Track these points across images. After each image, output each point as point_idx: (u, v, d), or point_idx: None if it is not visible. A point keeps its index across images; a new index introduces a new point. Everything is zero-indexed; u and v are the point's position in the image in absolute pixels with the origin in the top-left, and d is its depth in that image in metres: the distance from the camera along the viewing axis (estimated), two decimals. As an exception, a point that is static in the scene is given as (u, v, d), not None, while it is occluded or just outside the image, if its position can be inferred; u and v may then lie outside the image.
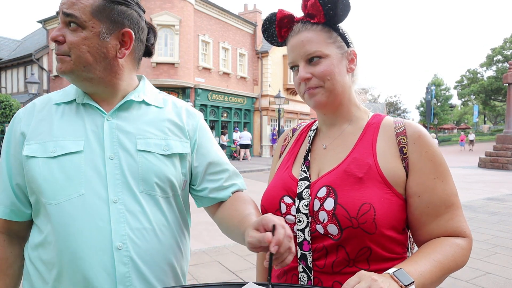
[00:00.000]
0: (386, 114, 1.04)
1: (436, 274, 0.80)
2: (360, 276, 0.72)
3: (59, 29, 0.95)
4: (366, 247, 0.87)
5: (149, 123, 1.04)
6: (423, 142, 0.90)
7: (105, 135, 0.98)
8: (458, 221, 0.89)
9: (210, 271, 3.85)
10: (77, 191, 0.92)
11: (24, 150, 0.95)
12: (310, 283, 0.90)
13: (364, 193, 0.87)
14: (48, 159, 0.93)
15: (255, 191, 2.97)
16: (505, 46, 43.10)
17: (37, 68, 22.31)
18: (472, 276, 3.64)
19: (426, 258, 0.82)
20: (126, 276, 0.92)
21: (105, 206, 0.92)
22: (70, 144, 0.95)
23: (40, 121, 0.99)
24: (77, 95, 1.03)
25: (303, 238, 0.92)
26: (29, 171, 0.95)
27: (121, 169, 0.96)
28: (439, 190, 0.88)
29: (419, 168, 0.89)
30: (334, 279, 0.89)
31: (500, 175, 13.01)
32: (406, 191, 0.90)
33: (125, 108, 1.03)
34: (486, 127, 51.69)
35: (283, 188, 0.99)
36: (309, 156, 1.02)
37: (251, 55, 23.30)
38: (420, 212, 0.89)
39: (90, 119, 1.00)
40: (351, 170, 0.91)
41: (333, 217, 0.87)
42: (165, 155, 1.02)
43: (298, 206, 0.93)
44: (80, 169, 0.93)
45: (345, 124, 1.01)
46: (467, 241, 0.88)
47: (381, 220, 0.85)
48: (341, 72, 0.96)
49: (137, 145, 0.99)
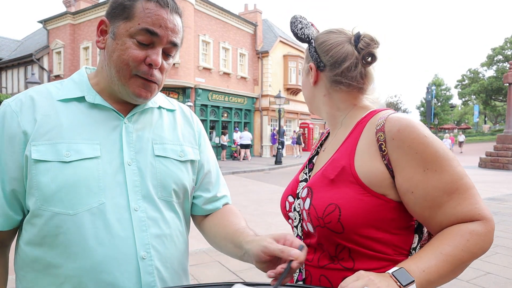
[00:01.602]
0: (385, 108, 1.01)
1: (445, 268, 0.77)
2: (358, 275, 0.73)
3: (159, 55, 0.90)
4: (341, 245, 0.90)
5: (165, 127, 1.03)
6: (403, 136, 0.84)
7: (123, 140, 0.93)
8: (469, 204, 0.81)
9: (210, 271, 3.85)
10: (98, 200, 0.85)
11: (32, 152, 0.84)
12: (301, 275, 0.97)
13: (333, 194, 0.89)
14: (62, 164, 0.84)
15: (255, 191, 2.97)
16: (505, 45, 43.08)
17: (37, 68, 22.33)
18: (472, 276, 3.64)
19: (432, 252, 0.79)
20: (151, 286, 0.89)
21: (127, 215, 0.88)
22: (85, 148, 0.87)
23: (44, 117, 0.88)
24: (86, 92, 0.94)
25: (297, 234, 1.01)
26: (36, 176, 0.84)
27: (141, 176, 0.92)
28: (433, 181, 0.82)
29: (404, 163, 0.84)
30: (321, 273, 0.93)
31: (501, 175, 12.99)
32: (398, 190, 0.86)
33: (141, 112, 1.00)
34: (487, 127, 51.68)
35: (289, 189, 1.08)
36: (314, 159, 1.10)
37: (252, 55, 23.29)
38: (420, 208, 0.85)
39: (104, 122, 0.93)
40: (326, 172, 0.94)
41: (308, 216, 0.93)
42: (181, 161, 1.01)
43: (294, 205, 1.02)
44: (99, 176, 0.87)
45: (337, 127, 1.05)
46: (484, 224, 0.80)
47: (348, 220, 0.86)
48: (306, 85, 1.09)
49: (155, 151, 0.97)
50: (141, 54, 0.88)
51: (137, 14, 0.88)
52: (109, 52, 0.91)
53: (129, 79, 0.90)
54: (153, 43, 0.89)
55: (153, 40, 0.89)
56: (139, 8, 0.88)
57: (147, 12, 0.87)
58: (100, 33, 0.95)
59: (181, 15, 0.96)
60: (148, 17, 0.87)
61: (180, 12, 0.95)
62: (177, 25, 0.93)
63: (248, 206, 7.49)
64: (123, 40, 0.88)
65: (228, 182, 1.23)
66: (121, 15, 0.89)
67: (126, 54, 0.88)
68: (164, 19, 0.89)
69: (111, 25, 0.92)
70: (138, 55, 0.88)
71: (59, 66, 22.23)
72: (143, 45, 0.88)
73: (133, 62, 0.88)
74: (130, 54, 0.88)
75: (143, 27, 0.87)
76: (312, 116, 27.97)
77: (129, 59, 0.88)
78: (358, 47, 0.97)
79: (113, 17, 0.91)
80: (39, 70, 22.21)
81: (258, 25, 23.57)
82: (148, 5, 0.88)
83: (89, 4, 21.94)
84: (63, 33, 21.82)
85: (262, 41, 23.85)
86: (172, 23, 0.91)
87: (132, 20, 0.88)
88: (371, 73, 1.01)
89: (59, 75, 21.96)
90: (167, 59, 0.95)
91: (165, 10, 0.90)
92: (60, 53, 22.09)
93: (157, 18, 0.88)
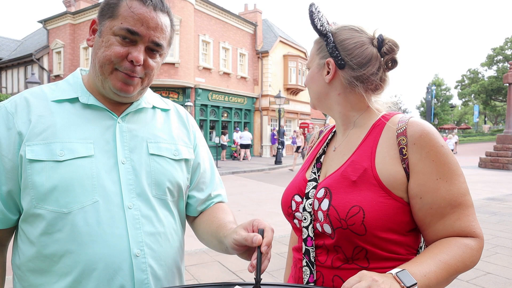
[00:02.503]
0: (396, 111, 1.01)
1: (442, 275, 0.79)
2: (361, 275, 0.72)
3: (141, 53, 0.91)
4: (359, 247, 0.89)
5: (159, 127, 1.04)
6: (424, 143, 0.87)
7: (117, 139, 0.94)
8: (467, 220, 0.86)
9: (210, 271, 3.85)
10: (91, 198, 0.86)
11: (27, 152, 0.85)
12: (312, 276, 0.95)
13: (356, 196, 0.88)
14: (55, 163, 0.86)
15: (255, 191, 2.97)
16: (505, 45, 43.08)
17: (37, 68, 22.33)
18: (472, 276, 3.64)
19: (432, 258, 0.81)
20: (144, 283, 0.90)
21: (120, 213, 0.89)
22: (79, 147, 0.89)
23: (39, 117, 0.89)
24: (80, 93, 0.96)
25: (307, 235, 0.97)
26: (30, 176, 0.85)
27: (135, 174, 0.94)
28: (442, 190, 0.86)
29: (420, 169, 0.87)
30: (334, 273, 0.93)
31: (501, 175, 12.99)
32: (408, 193, 0.88)
33: (135, 111, 1.01)
34: (487, 127, 51.62)
35: (296, 188, 1.05)
36: (322, 158, 1.08)
37: (251, 55, 23.29)
38: (424, 214, 0.88)
39: (98, 121, 0.94)
40: (347, 173, 0.93)
41: (327, 217, 0.92)
42: (175, 160, 1.02)
43: (304, 205, 0.99)
44: (92, 174, 0.88)
45: (350, 127, 1.03)
46: (477, 241, 0.86)
47: (371, 223, 0.86)
48: (317, 82, 1.03)
49: (149, 149, 0.98)
50: (123, 50, 0.90)
51: (121, 13, 0.89)
52: (95, 49, 0.93)
53: (110, 74, 0.92)
54: (135, 41, 0.90)
55: (135, 38, 0.90)
56: (123, 6, 0.89)
57: (130, 10, 0.89)
58: (92, 32, 0.97)
59: (168, 12, 0.95)
60: (131, 16, 0.89)
61: (166, 10, 0.95)
62: (161, 23, 0.92)
63: (248, 206, 7.48)
64: (108, 37, 0.90)
65: (228, 182, 1.22)
66: (107, 13, 0.92)
67: (109, 50, 0.90)
68: (146, 18, 0.89)
69: (99, 24, 0.94)
70: (120, 51, 0.89)
71: (59, 66, 22.23)
72: (126, 41, 0.90)
73: (115, 58, 0.90)
74: (113, 50, 0.89)
75: (125, 26, 0.88)
76: (312, 116, 27.96)
77: (112, 55, 0.90)
78: (382, 51, 0.95)
79: (101, 16, 0.93)
80: (39, 70, 22.22)
81: (258, 25, 23.58)
82: (132, 3, 0.89)
83: (89, 4, 21.95)
84: (63, 33, 21.82)
85: (262, 41, 23.85)
86: (155, 22, 0.91)
87: (116, 19, 0.90)
88: (388, 78, 1.00)
89: (59, 75, 21.95)
90: (153, 57, 0.95)
91: (148, 8, 0.90)
92: (60, 53, 22.09)
93: (139, 17, 0.89)
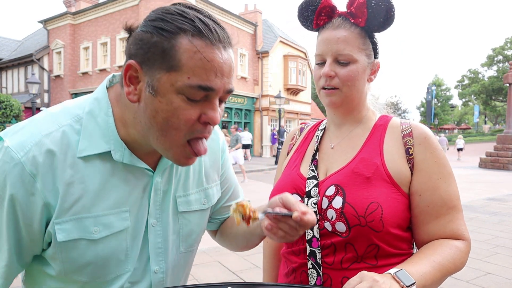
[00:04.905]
0: (392, 114, 1.08)
1: (436, 275, 0.81)
2: (362, 276, 0.72)
3: (217, 111, 0.73)
4: (373, 244, 0.89)
5: (190, 173, 0.92)
6: (428, 144, 0.93)
7: (151, 199, 0.84)
8: (458, 224, 0.91)
9: (210, 271, 3.85)
10: (125, 269, 0.82)
11: (57, 232, 0.73)
12: (319, 279, 0.93)
13: (372, 192, 0.89)
14: (89, 241, 0.76)
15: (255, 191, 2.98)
16: (505, 45, 43.08)
17: (37, 68, 22.35)
18: (472, 277, 3.64)
19: (427, 259, 0.83)
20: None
21: (147, 278, 0.86)
22: (114, 220, 0.78)
23: (68, 187, 0.73)
24: (113, 145, 0.77)
25: (312, 235, 0.94)
26: (60, 252, 0.76)
27: (164, 237, 0.87)
28: (441, 190, 0.90)
29: (424, 168, 0.91)
30: (343, 275, 0.90)
31: (501, 175, 12.99)
32: (409, 189, 0.92)
33: (172, 164, 0.87)
34: (487, 127, 51.61)
35: (292, 186, 1.00)
36: (317, 155, 1.04)
37: (252, 55, 23.29)
38: (420, 211, 0.91)
39: (134, 181, 0.81)
40: (359, 170, 0.93)
41: (341, 215, 0.89)
42: (204, 209, 0.96)
43: (306, 204, 0.95)
44: (127, 246, 0.82)
45: (354, 125, 1.03)
46: (465, 244, 0.90)
47: (388, 219, 0.87)
48: (362, 80, 0.98)
49: (179, 207, 0.89)
50: (194, 114, 0.70)
51: (184, 63, 0.67)
52: (150, 111, 0.71)
53: (178, 147, 0.73)
54: (208, 96, 0.71)
55: (208, 93, 0.70)
56: (185, 51, 0.66)
57: (197, 58, 0.67)
58: (129, 80, 0.72)
59: (232, 44, 0.75)
60: (200, 66, 0.67)
61: (232, 42, 0.74)
62: (232, 63, 0.73)
63: (248, 206, 7.46)
64: (169, 98, 0.69)
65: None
66: (159, 61, 0.68)
67: (175, 117, 0.69)
68: (220, 63, 0.69)
69: (145, 74, 0.70)
70: (191, 116, 0.70)
71: (59, 66, 22.25)
72: (194, 100, 0.70)
73: (185, 125, 0.71)
74: (181, 116, 0.70)
75: (195, 83, 0.67)
76: (312, 116, 27.96)
77: (181, 123, 0.70)
78: None
79: (147, 63, 0.69)
80: (39, 70, 22.23)
81: (258, 25, 23.58)
82: (197, 43, 0.67)
83: (89, 4, 21.95)
84: (63, 33, 21.84)
85: (262, 41, 23.85)
86: (229, 65, 0.71)
87: (178, 71, 0.67)
88: None
89: (59, 75, 21.97)
90: (221, 105, 0.76)
91: (218, 49, 0.69)
92: (60, 53, 22.11)
93: (211, 65, 0.68)
